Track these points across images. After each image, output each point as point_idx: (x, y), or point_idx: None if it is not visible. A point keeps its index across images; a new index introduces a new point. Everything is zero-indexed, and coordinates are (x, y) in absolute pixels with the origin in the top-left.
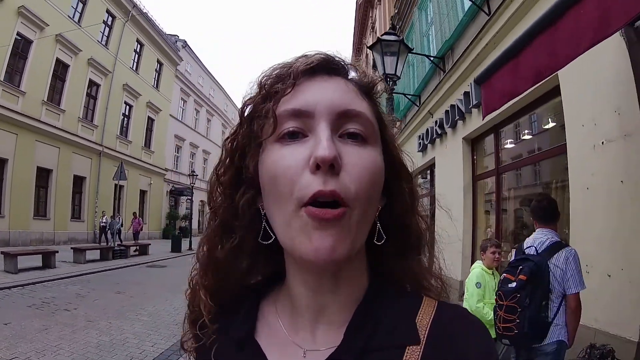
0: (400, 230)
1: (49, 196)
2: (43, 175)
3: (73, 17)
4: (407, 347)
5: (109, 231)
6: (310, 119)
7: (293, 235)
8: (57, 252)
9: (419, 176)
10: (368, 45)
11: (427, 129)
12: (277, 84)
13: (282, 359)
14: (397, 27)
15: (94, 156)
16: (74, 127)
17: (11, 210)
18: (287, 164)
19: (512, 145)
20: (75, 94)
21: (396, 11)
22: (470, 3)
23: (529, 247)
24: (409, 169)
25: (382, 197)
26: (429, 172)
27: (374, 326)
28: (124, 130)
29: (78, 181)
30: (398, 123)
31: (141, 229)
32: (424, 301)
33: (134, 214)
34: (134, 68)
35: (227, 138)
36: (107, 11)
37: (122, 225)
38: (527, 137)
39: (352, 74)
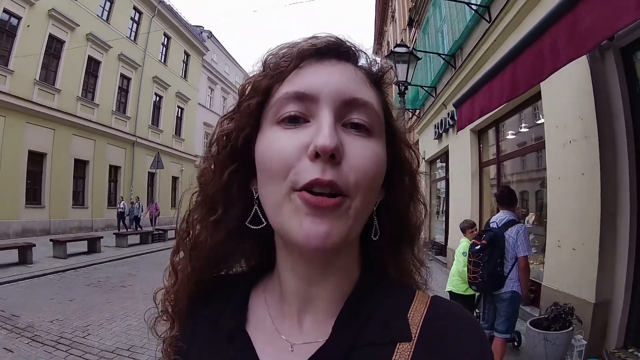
0: (397, 224)
1: (86, 186)
2: (80, 167)
3: (102, 15)
4: (398, 344)
5: (127, 217)
6: (314, 104)
7: (283, 218)
8: (102, 237)
9: (438, 160)
10: (384, 56)
11: (442, 119)
12: (282, 64)
13: (270, 352)
14: (414, 20)
15: (128, 146)
16: (108, 119)
17: (51, 201)
18: (284, 146)
19: (510, 137)
20: (107, 89)
21: (413, 4)
22: (475, 7)
23: (493, 222)
24: (414, 163)
25: (381, 190)
26: (445, 157)
27: (363, 320)
28: (156, 120)
29: (113, 170)
30: (417, 111)
31: (158, 214)
32: (417, 296)
33: (151, 199)
34: (163, 60)
35: (225, 116)
36: (134, 8)
37: (141, 211)
38: (523, 130)
39: (362, 61)
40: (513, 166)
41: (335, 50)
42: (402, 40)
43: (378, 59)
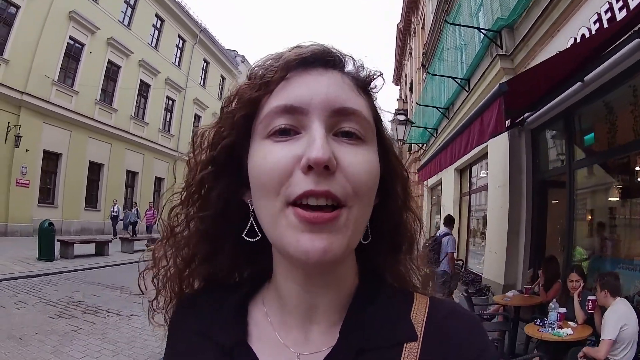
0: (392, 228)
1: (135, 194)
2: (130, 177)
3: (151, 43)
4: (405, 344)
5: (121, 222)
6: (303, 116)
7: (280, 234)
8: (159, 237)
9: (437, 188)
10: (390, 120)
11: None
12: (268, 75)
13: None
14: (425, 65)
15: (171, 161)
16: (155, 136)
17: (106, 205)
18: (277, 160)
19: (477, 177)
20: (155, 109)
21: (424, 52)
22: (459, 81)
23: (438, 234)
24: (404, 170)
25: (375, 195)
26: (440, 186)
27: (369, 325)
28: None
29: (157, 182)
30: (424, 145)
31: (155, 222)
32: (416, 298)
33: (149, 204)
34: (202, 84)
35: (208, 129)
36: (179, 36)
37: (138, 216)
38: (482, 174)
39: (349, 67)
40: (479, 198)
41: (322, 59)
42: (416, 77)
43: (366, 65)
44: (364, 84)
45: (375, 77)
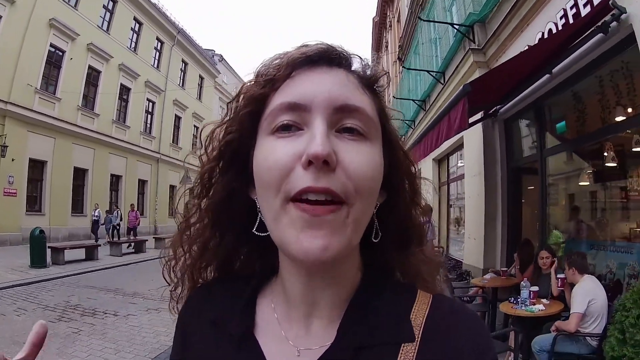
0: (400, 225)
1: (119, 197)
2: (114, 181)
3: (130, 47)
4: (402, 345)
5: (102, 226)
6: (307, 113)
7: (281, 231)
8: (147, 240)
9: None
10: None
11: None
12: (274, 74)
13: (278, 357)
14: (401, 58)
15: (153, 162)
16: (137, 139)
17: (90, 210)
18: (278, 157)
19: (453, 168)
20: (136, 112)
21: (399, 45)
22: (434, 74)
23: None
24: (411, 166)
25: (382, 192)
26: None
27: (367, 323)
28: (176, 139)
29: (141, 184)
30: (402, 137)
31: (138, 224)
32: (419, 296)
33: (131, 206)
34: (181, 85)
35: (218, 126)
36: (157, 38)
37: (121, 219)
38: (460, 163)
39: (355, 66)
40: (457, 187)
41: (327, 57)
42: (393, 70)
43: (371, 63)
44: (369, 83)
45: (380, 75)
